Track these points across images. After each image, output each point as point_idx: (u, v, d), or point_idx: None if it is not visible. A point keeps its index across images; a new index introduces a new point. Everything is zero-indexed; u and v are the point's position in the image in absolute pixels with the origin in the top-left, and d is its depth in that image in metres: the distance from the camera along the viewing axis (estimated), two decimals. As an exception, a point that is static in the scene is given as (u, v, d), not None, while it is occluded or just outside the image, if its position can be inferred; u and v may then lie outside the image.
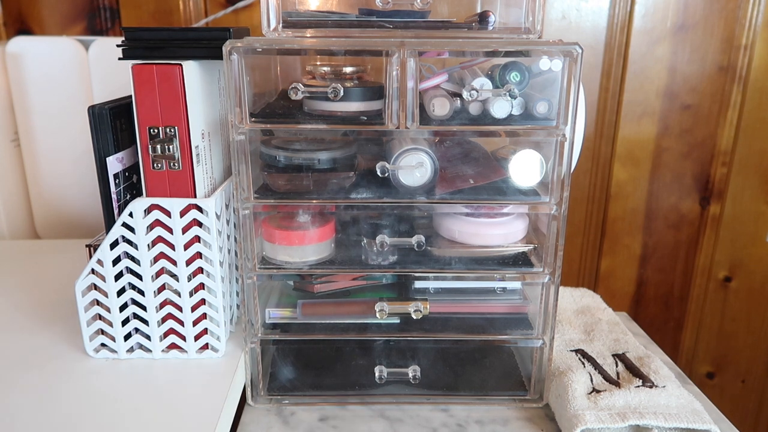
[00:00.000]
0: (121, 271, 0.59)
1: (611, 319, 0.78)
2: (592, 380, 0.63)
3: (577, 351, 0.69)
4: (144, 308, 0.60)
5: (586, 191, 1.07)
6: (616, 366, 0.67)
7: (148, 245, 0.58)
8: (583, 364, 0.66)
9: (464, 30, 0.61)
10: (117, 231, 0.57)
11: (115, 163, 0.57)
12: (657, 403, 0.59)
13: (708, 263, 1.11)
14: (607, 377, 0.64)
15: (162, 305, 0.60)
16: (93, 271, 0.59)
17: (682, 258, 1.11)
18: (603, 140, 1.04)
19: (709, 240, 1.09)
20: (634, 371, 0.65)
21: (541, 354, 0.63)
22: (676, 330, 1.16)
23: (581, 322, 0.77)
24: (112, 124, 0.56)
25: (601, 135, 1.04)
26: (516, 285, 0.67)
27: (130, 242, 0.58)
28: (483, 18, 0.61)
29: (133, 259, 0.59)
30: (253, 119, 0.56)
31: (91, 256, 0.59)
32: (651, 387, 0.61)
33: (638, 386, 0.61)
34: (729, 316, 1.14)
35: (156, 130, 0.55)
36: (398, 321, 0.64)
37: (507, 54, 0.56)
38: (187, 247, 0.58)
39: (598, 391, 0.61)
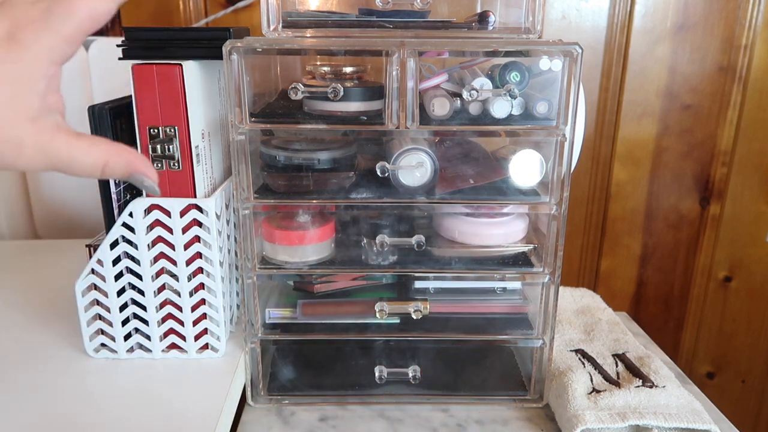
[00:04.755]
0: (121, 271, 0.59)
1: (611, 319, 0.78)
2: (592, 380, 0.63)
3: (577, 351, 0.69)
4: (144, 308, 0.60)
5: (586, 191, 1.07)
6: (616, 366, 0.67)
7: (148, 245, 0.58)
8: (583, 364, 0.66)
9: (464, 30, 0.61)
10: (117, 231, 0.57)
11: (115, 163, 0.57)
12: (657, 403, 0.59)
13: (708, 263, 1.11)
14: (607, 377, 0.64)
15: (162, 305, 0.60)
16: (93, 271, 0.59)
17: (682, 258, 1.11)
18: (603, 140, 1.04)
19: (709, 240, 1.09)
20: (634, 371, 0.65)
21: (541, 354, 0.63)
22: (676, 330, 1.16)
23: (581, 322, 0.77)
24: (112, 124, 0.56)
25: (601, 135, 1.04)
26: (516, 285, 0.67)
27: (130, 242, 0.58)
28: (483, 18, 0.61)
29: (133, 259, 0.59)
30: (253, 119, 0.56)
31: (91, 256, 0.59)
32: (651, 387, 0.61)
33: (638, 386, 0.61)
34: (729, 316, 1.14)
35: (156, 130, 0.55)
36: (398, 321, 0.64)
37: (507, 54, 0.56)
38: (187, 247, 0.58)
39: (598, 391, 0.61)
